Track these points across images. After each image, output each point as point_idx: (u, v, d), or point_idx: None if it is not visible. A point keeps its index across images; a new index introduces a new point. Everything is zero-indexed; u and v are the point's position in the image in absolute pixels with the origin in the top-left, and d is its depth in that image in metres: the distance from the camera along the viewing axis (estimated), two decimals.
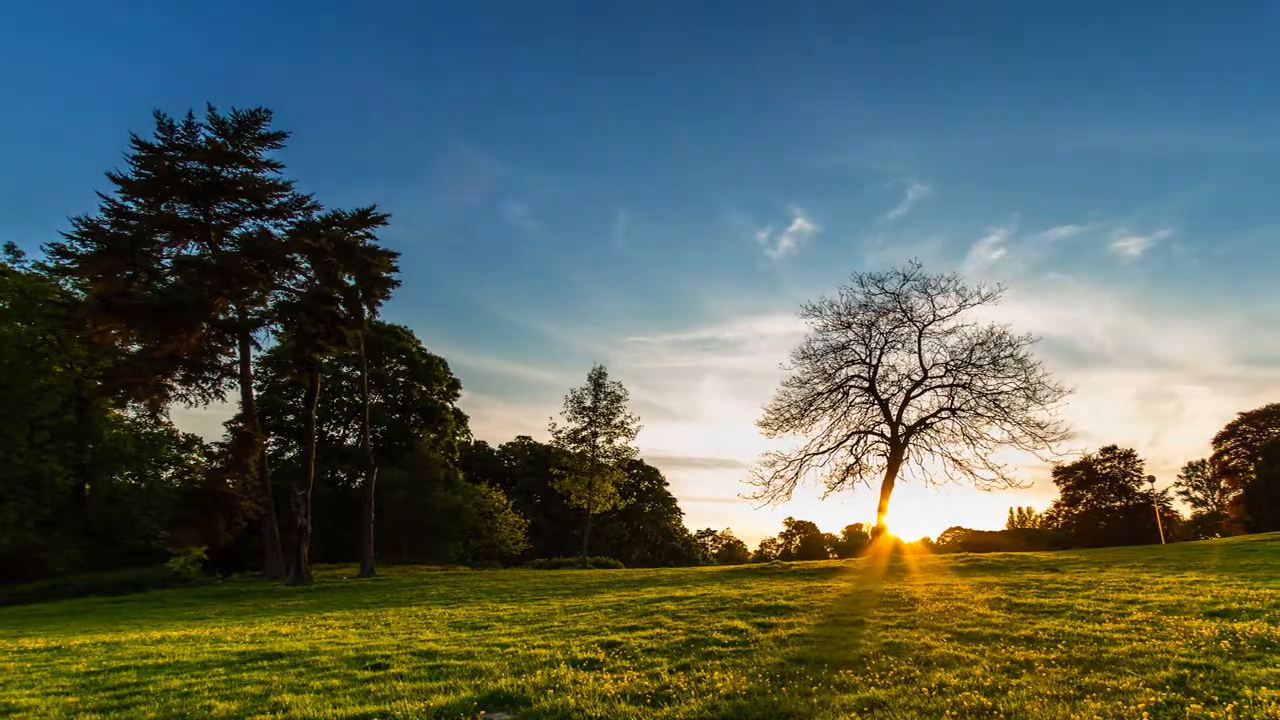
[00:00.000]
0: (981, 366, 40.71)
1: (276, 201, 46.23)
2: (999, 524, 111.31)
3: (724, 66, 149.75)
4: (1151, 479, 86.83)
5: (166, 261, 45.46)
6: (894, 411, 42.42)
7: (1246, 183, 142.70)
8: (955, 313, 41.35)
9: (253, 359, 48.78)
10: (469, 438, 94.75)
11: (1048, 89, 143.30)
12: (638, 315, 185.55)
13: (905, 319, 42.03)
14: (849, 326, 43.01)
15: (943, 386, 41.87)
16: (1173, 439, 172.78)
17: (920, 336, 41.94)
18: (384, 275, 46.54)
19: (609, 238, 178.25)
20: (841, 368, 43.57)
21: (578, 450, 65.37)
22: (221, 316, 44.77)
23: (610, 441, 65.04)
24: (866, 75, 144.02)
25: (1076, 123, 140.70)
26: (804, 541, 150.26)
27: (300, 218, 46.36)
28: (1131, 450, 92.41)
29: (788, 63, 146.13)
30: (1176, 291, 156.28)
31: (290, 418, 70.07)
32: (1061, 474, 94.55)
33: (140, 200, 44.29)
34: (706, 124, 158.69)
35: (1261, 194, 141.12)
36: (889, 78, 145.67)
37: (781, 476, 43.45)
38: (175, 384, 45.65)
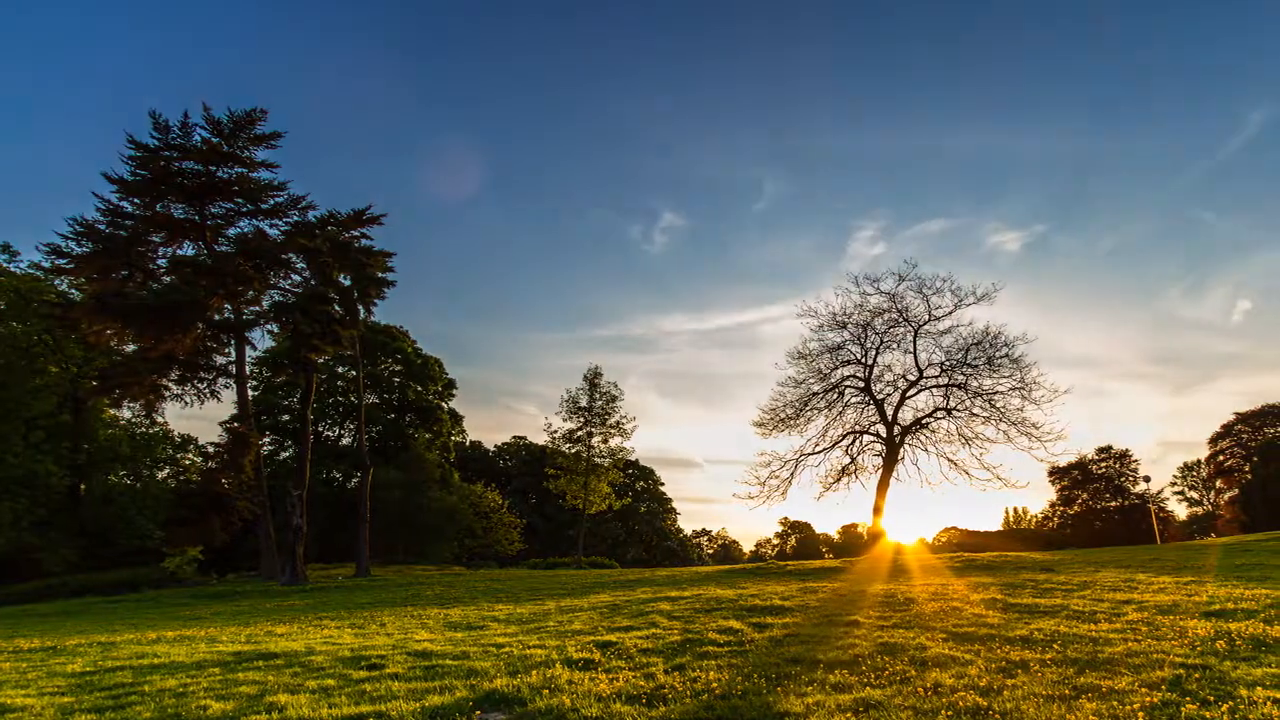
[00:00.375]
0: (977, 366, 40.73)
1: (272, 201, 46.19)
2: (994, 524, 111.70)
3: (552, 61, 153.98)
4: (1147, 479, 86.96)
5: (162, 261, 45.42)
6: (889, 412, 42.43)
7: (1108, 179, 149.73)
8: (950, 312, 41.37)
9: (248, 359, 48.88)
10: (464, 438, 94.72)
11: (888, 90, 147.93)
12: (541, 314, 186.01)
13: (901, 319, 42.04)
14: (844, 326, 43.01)
15: (938, 386, 41.89)
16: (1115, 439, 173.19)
17: (916, 336, 41.96)
18: (379, 275, 46.49)
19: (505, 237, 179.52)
20: (837, 368, 43.57)
21: (573, 450, 65.41)
22: (217, 316, 44.70)
23: (605, 441, 65.10)
24: (709, 74, 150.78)
25: (926, 123, 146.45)
26: (799, 542, 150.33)
27: (296, 218, 46.35)
28: (1127, 450, 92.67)
29: (619, 60, 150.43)
30: (1067, 289, 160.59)
31: (286, 418, 70.06)
32: (1057, 474, 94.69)
33: (136, 200, 44.23)
34: (551, 124, 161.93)
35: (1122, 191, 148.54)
36: (730, 77, 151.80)
37: (777, 476, 43.47)
38: (170, 384, 45.62)
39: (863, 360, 42.99)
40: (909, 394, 42.28)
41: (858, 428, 43.23)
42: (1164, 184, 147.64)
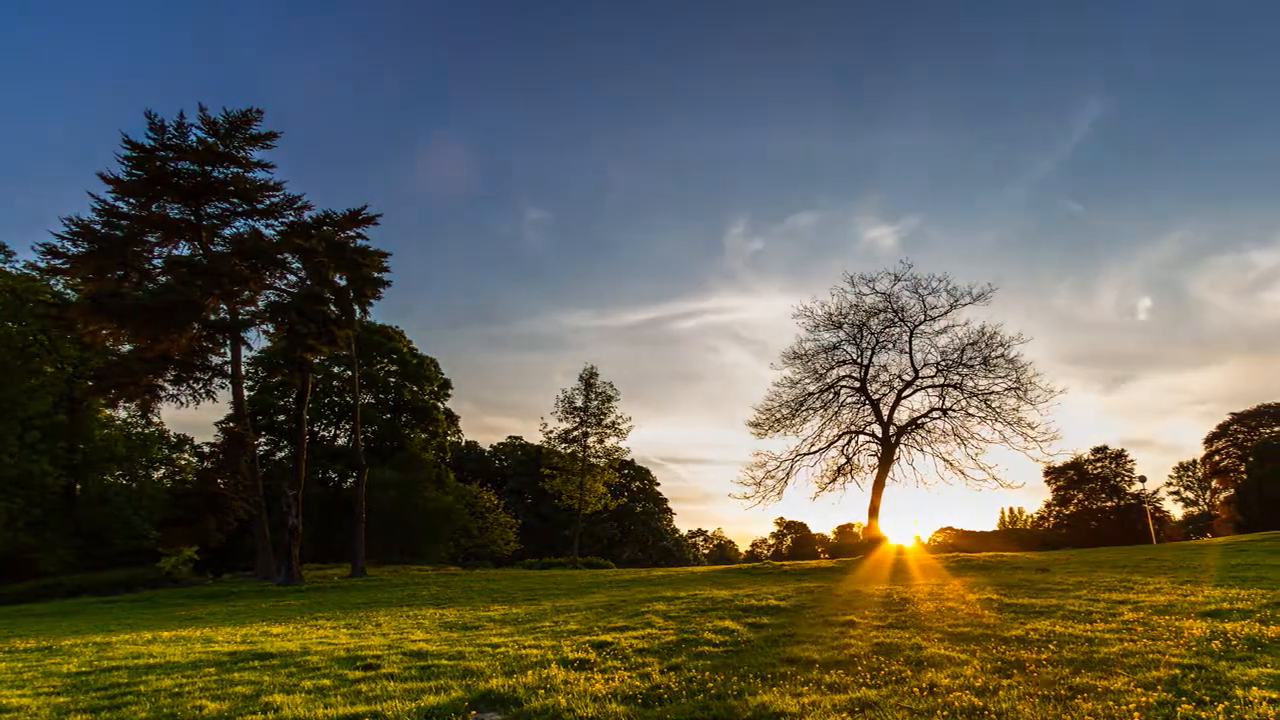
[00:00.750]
0: (972, 366, 40.77)
1: (268, 201, 46.07)
2: (990, 524, 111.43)
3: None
4: (1143, 479, 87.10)
5: (158, 262, 45.27)
6: (885, 411, 42.47)
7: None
8: (946, 312, 41.43)
9: (244, 359, 48.78)
10: (460, 438, 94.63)
11: (741, 91, 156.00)
12: (444, 312, 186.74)
13: (896, 319, 42.09)
14: (840, 326, 43.08)
15: (934, 386, 41.95)
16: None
17: (911, 336, 42.02)
18: (375, 275, 46.46)
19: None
20: (832, 368, 43.63)
21: (569, 450, 65.54)
22: (213, 317, 44.62)
23: (601, 442, 65.30)
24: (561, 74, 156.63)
25: (781, 123, 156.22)
26: (795, 542, 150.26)
27: (291, 218, 46.29)
28: (1123, 450, 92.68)
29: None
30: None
31: (281, 418, 69.94)
32: (1052, 474, 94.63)
33: (131, 200, 44.09)
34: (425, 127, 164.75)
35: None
36: (569, 80, 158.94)
37: (772, 476, 43.51)
38: (166, 384, 45.48)
39: (858, 360, 43.08)
40: (905, 394, 42.39)
41: (853, 428, 43.31)
42: (1022, 177, 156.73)
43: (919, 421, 42.04)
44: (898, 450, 41.88)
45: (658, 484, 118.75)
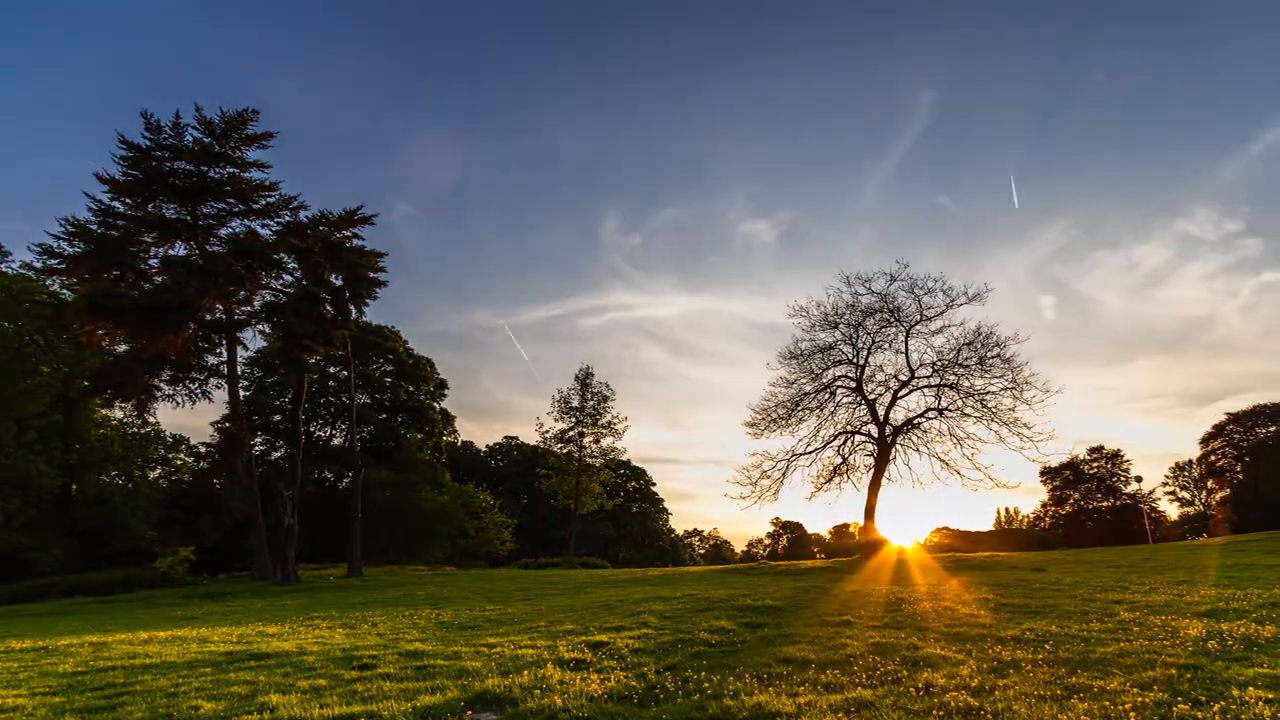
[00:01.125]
0: (968, 366, 40.76)
1: (264, 201, 46.03)
2: (986, 524, 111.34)
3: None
4: (1139, 479, 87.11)
5: (154, 262, 45.24)
6: (881, 411, 42.46)
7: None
8: (942, 312, 41.39)
9: (240, 359, 48.66)
10: (456, 438, 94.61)
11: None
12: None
13: (892, 319, 42.06)
14: (836, 326, 43.04)
15: (930, 386, 41.93)
16: None
17: (907, 336, 41.99)
18: (371, 275, 46.44)
19: None
20: (828, 368, 43.58)
21: (565, 450, 65.61)
22: (209, 317, 44.60)
23: (597, 441, 65.44)
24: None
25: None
26: (791, 542, 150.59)
27: (287, 218, 46.25)
28: (1119, 450, 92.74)
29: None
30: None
31: (277, 418, 69.84)
32: (1048, 474, 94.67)
33: (127, 200, 44.04)
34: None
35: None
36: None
37: (768, 476, 43.44)
38: (162, 384, 45.49)
39: (854, 360, 43.06)
40: (901, 394, 42.35)
41: (849, 428, 43.26)
42: (878, 172, 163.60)
43: (915, 421, 42.05)
44: (894, 450, 41.86)
45: (653, 484, 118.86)
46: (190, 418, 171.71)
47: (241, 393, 51.01)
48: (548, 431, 66.04)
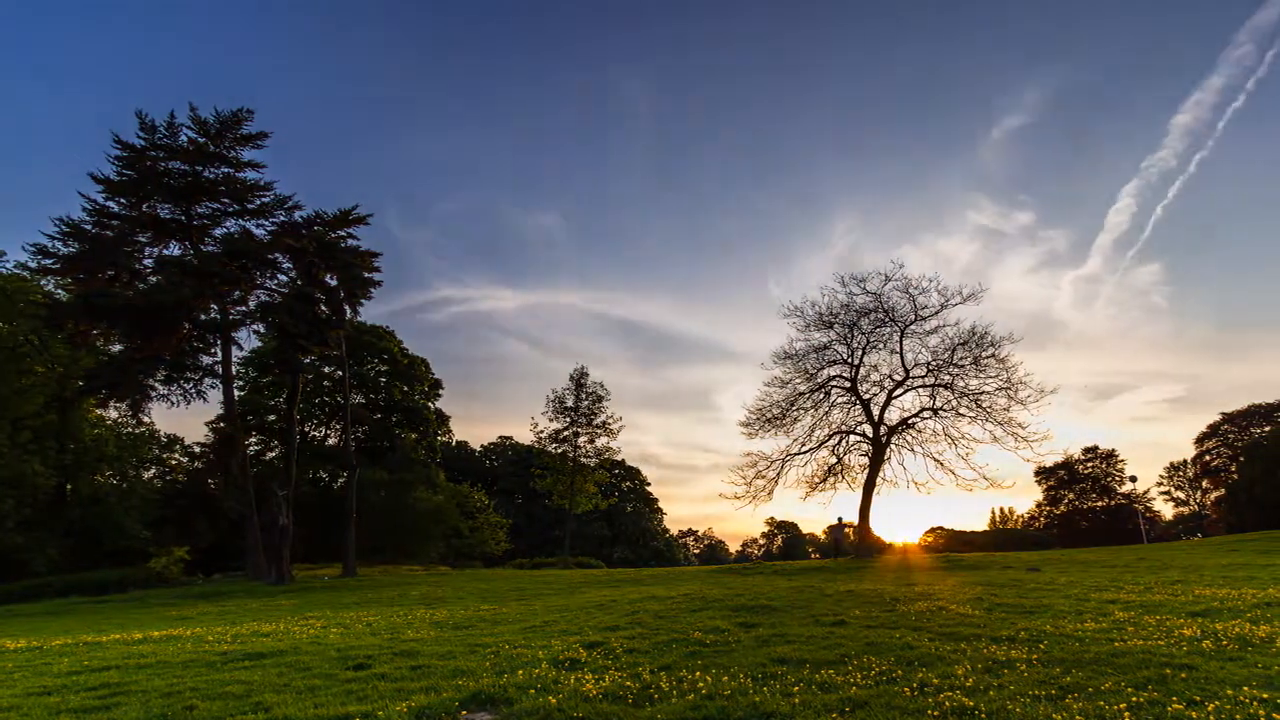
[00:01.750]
0: (963, 366, 40.79)
1: (258, 201, 46.01)
2: (981, 524, 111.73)
3: None
4: (1133, 479, 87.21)
5: (148, 262, 45.19)
6: (876, 411, 42.48)
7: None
8: (936, 312, 41.42)
9: (234, 359, 48.60)
10: (450, 438, 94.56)
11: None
12: None
13: (887, 319, 42.08)
14: (830, 326, 43.04)
15: (924, 386, 41.95)
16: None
17: (902, 336, 42.02)
18: (366, 275, 46.40)
19: None
20: (823, 368, 43.61)
21: (559, 450, 65.55)
22: (203, 317, 44.55)
23: (592, 441, 65.32)
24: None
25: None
26: (786, 541, 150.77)
27: (282, 218, 46.21)
28: (1113, 450, 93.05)
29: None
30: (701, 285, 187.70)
31: (272, 418, 69.66)
32: (1043, 474, 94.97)
33: (122, 200, 44.00)
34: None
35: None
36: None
37: (763, 476, 43.43)
38: (157, 384, 45.40)
39: (849, 360, 43.06)
40: (895, 394, 42.37)
41: (844, 428, 43.29)
42: (631, 169, 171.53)
43: (910, 421, 42.06)
44: (889, 450, 41.86)
45: (648, 484, 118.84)
46: (185, 418, 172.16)
47: (236, 393, 50.90)
48: (542, 431, 66.03)
